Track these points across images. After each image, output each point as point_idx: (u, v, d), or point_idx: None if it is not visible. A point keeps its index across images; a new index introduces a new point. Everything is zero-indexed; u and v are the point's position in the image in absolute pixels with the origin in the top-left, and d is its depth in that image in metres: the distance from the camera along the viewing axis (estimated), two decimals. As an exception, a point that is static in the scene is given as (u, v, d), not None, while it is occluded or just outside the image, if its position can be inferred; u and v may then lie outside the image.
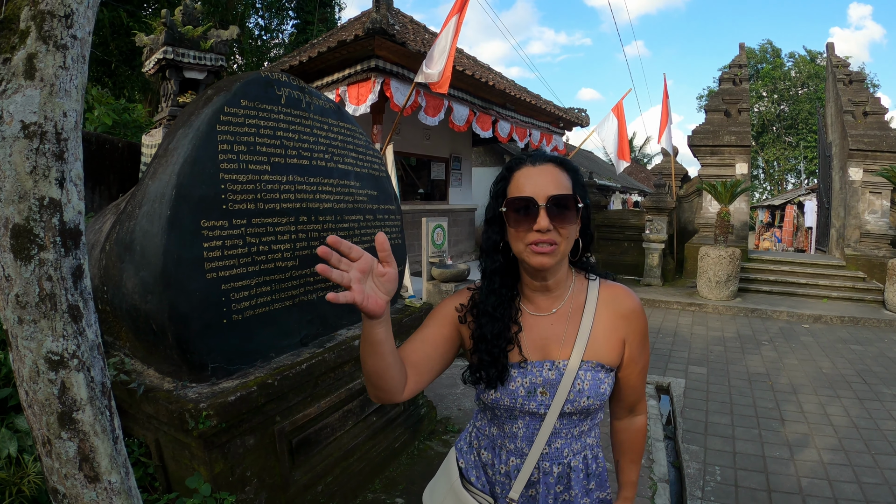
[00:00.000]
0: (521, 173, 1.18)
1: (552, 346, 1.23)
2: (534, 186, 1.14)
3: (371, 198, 3.09)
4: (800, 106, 32.38)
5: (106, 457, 1.54)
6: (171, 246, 1.98)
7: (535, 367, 1.22)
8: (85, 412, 1.49)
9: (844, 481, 3.33)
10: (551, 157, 1.21)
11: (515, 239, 1.17)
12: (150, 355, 2.27)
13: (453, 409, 4.14)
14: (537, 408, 1.21)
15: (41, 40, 1.38)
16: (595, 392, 1.20)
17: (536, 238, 1.12)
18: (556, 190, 1.14)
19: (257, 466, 2.27)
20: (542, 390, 1.21)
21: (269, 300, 2.36)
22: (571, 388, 1.19)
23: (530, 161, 1.19)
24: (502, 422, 1.28)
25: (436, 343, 1.28)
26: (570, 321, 1.24)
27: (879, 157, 10.48)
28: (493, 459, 1.31)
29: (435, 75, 5.55)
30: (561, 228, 1.13)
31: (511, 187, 1.19)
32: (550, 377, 1.21)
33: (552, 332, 1.24)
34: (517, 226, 1.15)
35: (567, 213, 1.14)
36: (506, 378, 1.22)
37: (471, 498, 1.30)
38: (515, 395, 1.22)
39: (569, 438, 1.25)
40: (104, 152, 6.00)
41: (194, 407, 1.95)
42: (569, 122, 11.95)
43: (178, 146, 2.11)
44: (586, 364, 1.20)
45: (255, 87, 2.33)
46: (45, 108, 1.38)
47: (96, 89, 7.84)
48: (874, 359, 6.20)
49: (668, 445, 3.89)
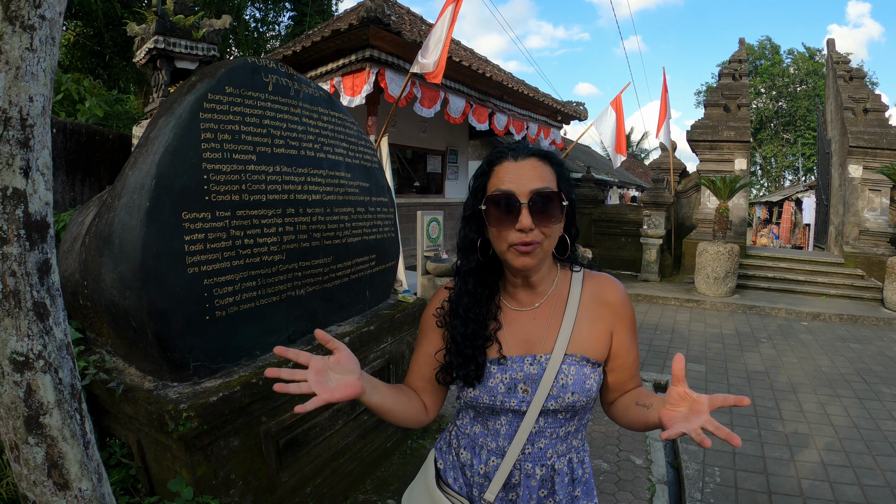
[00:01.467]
0: (502, 168, 1.13)
1: (534, 340, 1.18)
2: (515, 182, 1.08)
3: (363, 189, 3.00)
4: (798, 103, 32.34)
5: (76, 463, 1.46)
6: (150, 239, 1.88)
7: (516, 362, 1.17)
8: (52, 416, 1.40)
9: (845, 483, 3.27)
10: (535, 151, 1.15)
11: (497, 239, 1.12)
12: (132, 353, 2.18)
13: (447, 407, 4.04)
14: (518, 405, 1.15)
15: (7, 21, 1.29)
16: (580, 387, 1.13)
17: (518, 238, 1.07)
18: (539, 184, 1.08)
19: (242, 468, 2.18)
20: (523, 386, 1.15)
21: (254, 295, 2.27)
22: (554, 384, 1.13)
23: (512, 155, 1.13)
24: (485, 419, 1.23)
25: (430, 362, 1.27)
26: (552, 314, 1.20)
27: (879, 155, 10.41)
28: (472, 459, 1.24)
29: (430, 65, 5.45)
30: (544, 227, 1.08)
31: (491, 182, 1.13)
32: (532, 372, 1.15)
33: (534, 326, 1.20)
34: (498, 224, 1.10)
35: (550, 210, 1.08)
36: (483, 375, 1.17)
37: (445, 499, 1.24)
38: (495, 391, 1.17)
39: (553, 439, 1.18)
40: (94, 144, 5.88)
41: (174, 408, 1.86)
42: (567, 116, 11.84)
43: (160, 135, 2.01)
44: (570, 358, 1.15)
45: (240, 74, 2.23)
46: (10, 93, 1.30)
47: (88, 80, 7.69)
48: (873, 357, 6.14)
49: (665, 445, 3.82)
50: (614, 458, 3.45)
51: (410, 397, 1.27)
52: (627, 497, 2.99)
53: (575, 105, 11.95)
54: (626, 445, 3.61)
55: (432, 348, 1.28)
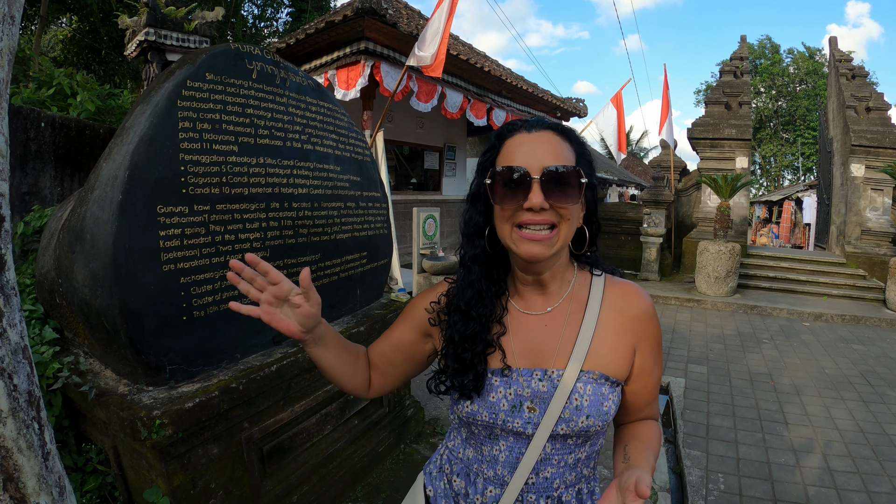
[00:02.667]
0: (514, 140, 0.97)
1: (545, 352, 1.02)
2: (527, 156, 0.93)
3: (353, 184, 2.87)
4: (798, 102, 32.20)
5: (33, 476, 1.33)
6: (122, 234, 1.76)
7: (523, 375, 1.01)
8: (6, 426, 1.27)
9: (853, 490, 3.16)
10: (552, 124, 0.99)
11: (501, 220, 0.96)
12: (107, 354, 2.06)
13: (443, 410, 3.94)
14: (523, 426, 1.00)
15: None
16: (596, 410, 0.97)
17: (527, 218, 0.92)
18: (554, 161, 0.92)
19: (223, 477, 2.06)
20: (529, 405, 1.00)
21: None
22: (567, 405, 0.97)
23: (525, 127, 0.97)
24: (480, 442, 1.06)
25: (399, 349, 1.15)
26: (568, 323, 1.03)
27: (882, 154, 10.29)
28: (467, 489, 1.08)
29: (428, 58, 5.31)
30: (560, 208, 0.92)
31: (501, 157, 0.97)
32: (541, 389, 0.99)
33: (546, 335, 1.03)
34: (503, 201, 0.94)
35: (567, 189, 0.92)
36: (482, 387, 1.01)
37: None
38: (496, 408, 1.01)
39: (561, 467, 1.02)
40: (84, 139, 5.74)
41: (147, 414, 1.74)
42: (566, 112, 11.71)
43: (135, 124, 1.89)
44: (587, 375, 0.98)
45: (222, 60, 2.10)
46: None
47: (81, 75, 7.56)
48: (877, 359, 6.03)
49: (668, 450, 3.71)
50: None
51: (359, 365, 1.15)
52: (628, 505, 2.88)
53: (574, 101, 11.82)
54: (626, 450, 3.50)
55: (406, 336, 1.15)
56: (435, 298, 1.12)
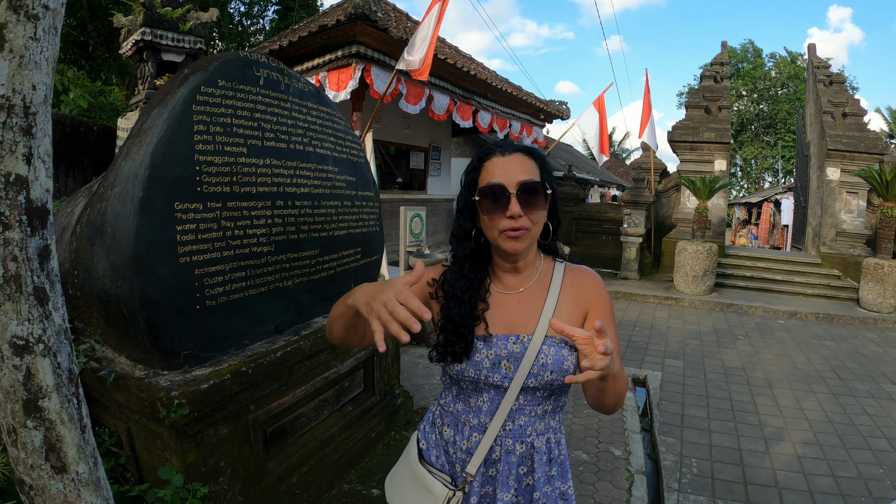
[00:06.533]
0: (492, 163, 1.24)
1: (518, 321, 1.27)
2: (504, 175, 1.20)
3: (349, 184, 3.04)
4: (779, 106, 32.84)
5: (73, 446, 1.48)
6: (143, 228, 1.91)
7: (501, 340, 1.25)
8: (51, 400, 1.43)
9: (819, 475, 3.39)
10: (519, 147, 1.26)
11: (489, 227, 1.23)
12: (122, 342, 2.20)
13: (430, 399, 4.12)
14: (501, 380, 1.24)
15: (11, 10, 1.31)
16: (558, 367, 1.22)
17: (509, 224, 1.18)
18: (525, 176, 1.19)
19: (231, 457, 2.22)
20: (506, 363, 1.24)
21: (243, 286, 2.31)
22: (535, 362, 1.22)
23: (500, 151, 1.25)
24: (468, 395, 1.31)
25: None
26: (535, 299, 1.29)
27: (857, 158, 10.66)
28: (455, 436, 1.32)
29: (416, 62, 5.48)
30: (531, 214, 1.19)
31: (482, 176, 1.24)
32: (515, 350, 1.24)
33: (519, 308, 1.29)
34: (490, 213, 1.20)
35: (536, 199, 1.20)
36: (471, 351, 1.25)
37: (427, 473, 1.32)
38: (480, 366, 1.25)
39: (532, 417, 1.27)
40: (78, 135, 5.83)
41: (165, 395, 1.89)
42: (549, 115, 11.92)
43: (153, 126, 2.04)
44: (550, 339, 1.23)
45: (232, 68, 2.26)
46: (14, 81, 1.31)
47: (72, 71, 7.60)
48: (848, 355, 6.32)
49: (644, 437, 3.91)
50: (594, 449, 3.53)
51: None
52: (607, 487, 3.08)
53: (558, 104, 12.05)
54: (605, 437, 3.70)
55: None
56: (437, 276, 1.36)
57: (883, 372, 5.70)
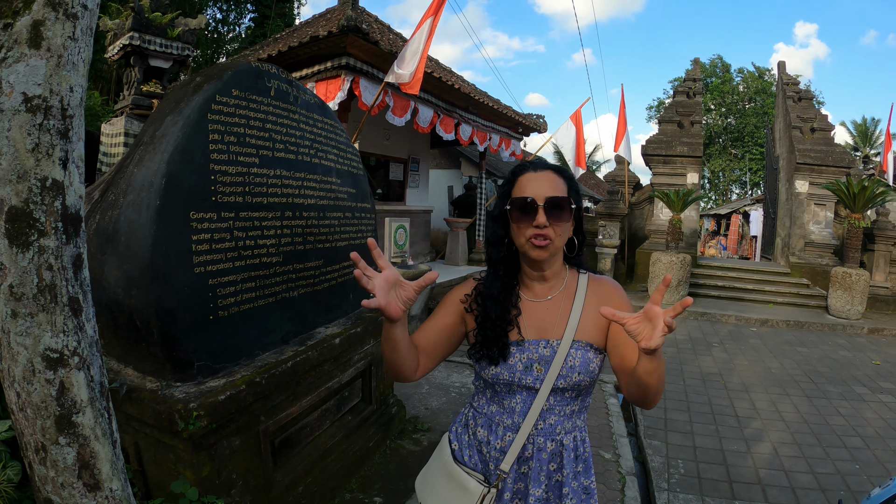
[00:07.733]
0: (525, 178, 1.35)
1: (547, 327, 1.37)
2: (534, 189, 1.31)
3: (350, 195, 3.07)
4: (746, 120, 33.73)
5: (107, 462, 1.44)
6: (159, 237, 1.91)
7: (532, 344, 1.34)
8: (86, 414, 1.39)
9: (799, 472, 3.53)
10: (550, 165, 1.39)
11: (517, 234, 1.34)
12: (129, 353, 2.18)
13: (420, 409, 4.16)
14: (533, 382, 1.33)
15: (50, 7, 1.28)
16: (585, 369, 1.32)
17: (535, 232, 1.29)
18: (553, 192, 1.31)
19: (242, 468, 2.21)
20: (537, 366, 1.33)
21: (253, 296, 2.31)
22: (564, 364, 1.31)
23: (532, 167, 1.37)
24: (502, 398, 1.39)
25: (442, 331, 1.43)
26: (562, 306, 1.39)
27: (825, 171, 11.09)
28: (489, 437, 1.40)
29: (406, 76, 5.54)
30: (556, 226, 1.30)
31: (515, 189, 1.36)
32: (545, 354, 1.33)
33: (547, 315, 1.38)
34: (519, 222, 1.32)
35: (562, 213, 1.31)
36: (507, 354, 1.34)
37: (461, 472, 1.39)
38: (514, 369, 1.34)
39: (561, 416, 1.36)
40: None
41: (184, 407, 1.88)
42: (527, 128, 12.07)
43: (167, 133, 2.04)
44: (577, 343, 1.33)
45: (245, 77, 2.28)
46: (51, 81, 1.29)
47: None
48: (819, 360, 6.56)
49: (631, 441, 4.00)
50: (587, 455, 3.60)
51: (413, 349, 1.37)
52: (601, 489, 3.14)
53: (535, 118, 12.21)
54: (594, 441, 3.77)
55: (449, 320, 1.44)
56: (469, 291, 1.45)
57: (853, 375, 5.94)
